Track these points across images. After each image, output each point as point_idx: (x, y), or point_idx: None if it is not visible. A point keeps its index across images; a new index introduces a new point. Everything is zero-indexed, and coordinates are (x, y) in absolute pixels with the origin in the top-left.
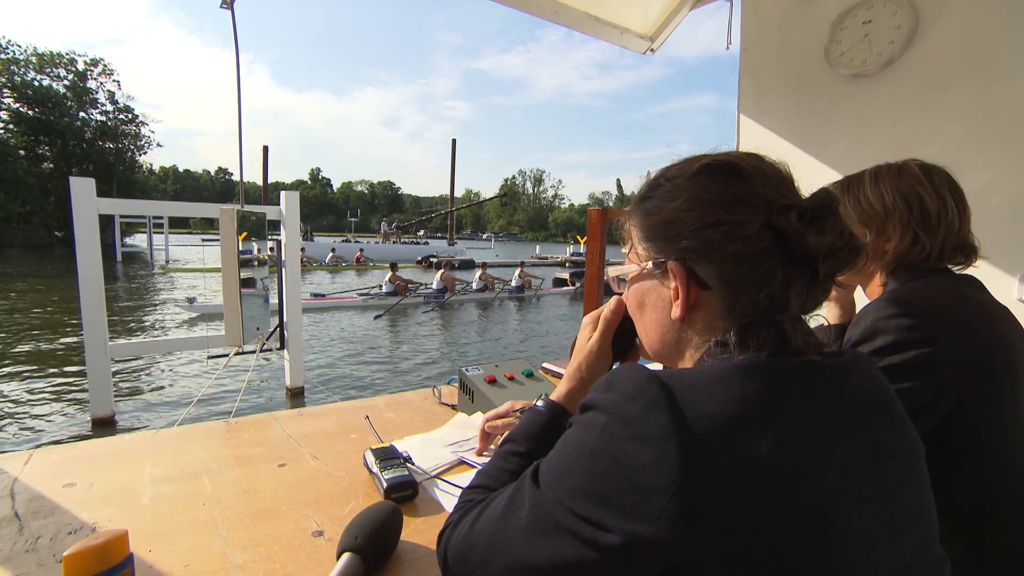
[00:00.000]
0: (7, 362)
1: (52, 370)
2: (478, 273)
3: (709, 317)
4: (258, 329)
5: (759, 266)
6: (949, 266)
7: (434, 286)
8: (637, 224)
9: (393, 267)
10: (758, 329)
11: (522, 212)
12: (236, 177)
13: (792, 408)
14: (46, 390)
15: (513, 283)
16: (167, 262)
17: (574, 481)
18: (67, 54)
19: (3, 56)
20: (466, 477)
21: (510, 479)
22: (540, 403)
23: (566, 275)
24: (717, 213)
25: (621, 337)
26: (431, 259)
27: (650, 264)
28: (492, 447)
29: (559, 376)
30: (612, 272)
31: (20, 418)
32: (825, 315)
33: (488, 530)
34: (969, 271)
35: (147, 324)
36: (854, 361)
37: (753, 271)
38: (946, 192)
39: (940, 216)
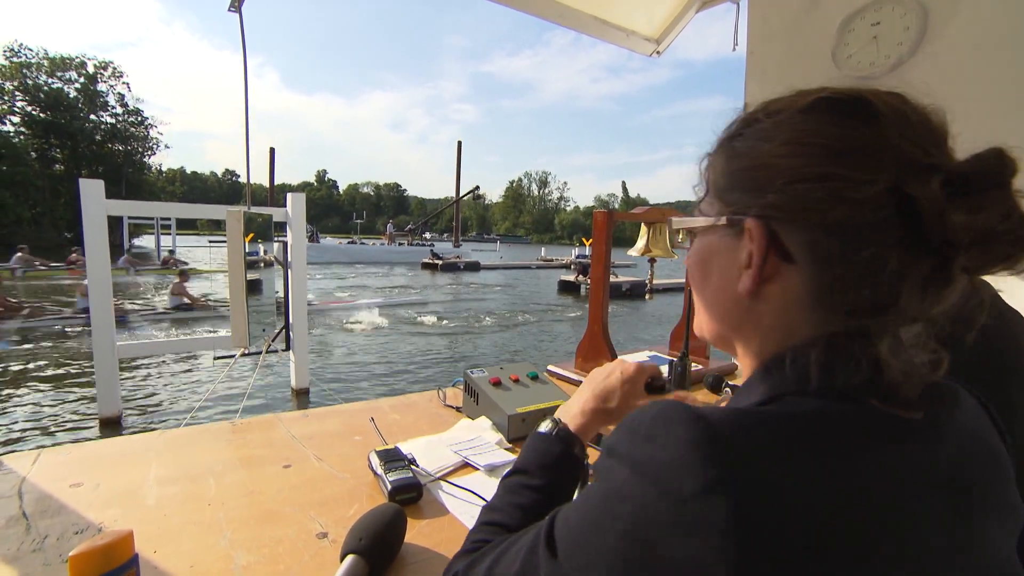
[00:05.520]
0: (17, 362)
1: (60, 370)
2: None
3: (785, 299)
4: (263, 330)
5: (867, 244)
6: None
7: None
8: (720, 168)
9: (181, 274)
10: (850, 347)
11: (527, 214)
12: (243, 179)
13: (882, 499)
14: (54, 389)
15: (169, 303)
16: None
17: (599, 563)
18: (78, 57)
19: (15, 60)
20: (470, 479)
21: (523, 516)
22: (549, 428)
23: (571, 277)
24: (823, 163)
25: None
26: (437, 260)
27: (724, 219)
28: None
29: (564, 380)
30: (678, 223)
31: (29, 418)
32: None
33: None
34: None
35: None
36: (954, 418)
37: (856, 249)
38: None
39: None
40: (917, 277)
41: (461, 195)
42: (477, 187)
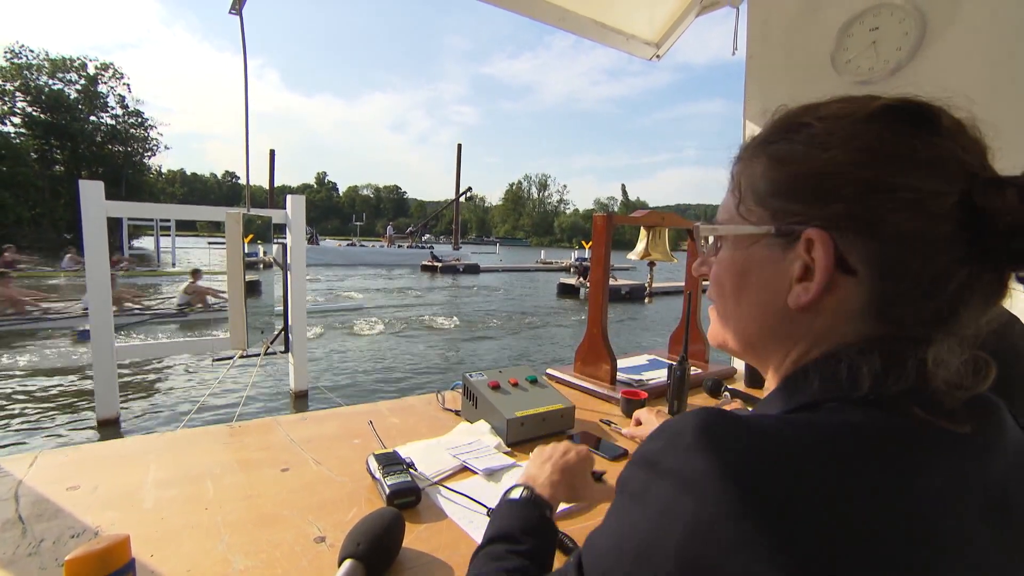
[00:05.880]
0: (13, 363)
1: (58, 371)
2: (184, 284)
3: (839, 312)
4: (262, 332)
5: (935, 257)
6: None
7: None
8: (761, 174)
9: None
10: (901, 355)
11: (527, 217)
12: (243, 180)
13: (938, 515)
14: (52, 391)
15: (177, 301)
16: (173, 264)
17: None
18: (79, 59)
19: (16, 61)
20: (469, 483)
21: None
22: (524, 495)
23: (571, 280)
24: (902, 175)
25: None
26: (437, 262)
27: (772, 228)
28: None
29: (563, 384)
30: (708, 230)
31: (26, 419)
32: None
33: None
34: None
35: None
36: (1003, 434)
37: (925, 263)
38: None
39: None
40: (979, 290)
41: (455, 196)
42: (469, 188)
